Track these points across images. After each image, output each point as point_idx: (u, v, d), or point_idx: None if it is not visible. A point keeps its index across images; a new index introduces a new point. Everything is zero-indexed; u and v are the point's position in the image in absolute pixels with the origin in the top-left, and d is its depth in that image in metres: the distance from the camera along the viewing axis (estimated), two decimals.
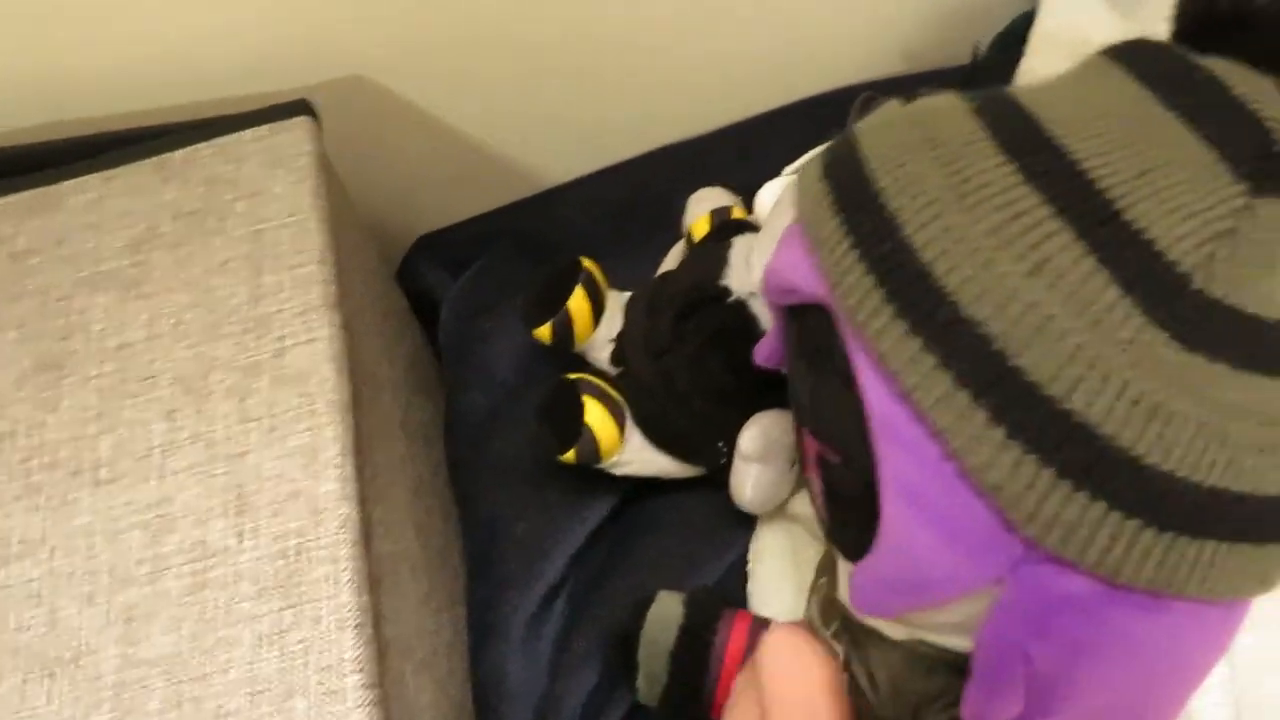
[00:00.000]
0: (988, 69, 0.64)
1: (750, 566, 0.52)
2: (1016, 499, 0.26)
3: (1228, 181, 0.25)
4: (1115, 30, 0.58)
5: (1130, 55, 0.29)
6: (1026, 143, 0.27)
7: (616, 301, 0.57)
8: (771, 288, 0.34)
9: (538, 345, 0.57)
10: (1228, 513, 0.26)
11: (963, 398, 0.26)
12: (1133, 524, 0.25)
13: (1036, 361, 0.25)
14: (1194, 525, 0.25)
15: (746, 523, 0.53)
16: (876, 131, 0.31)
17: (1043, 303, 0.25)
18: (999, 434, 0.25)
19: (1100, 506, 0.25)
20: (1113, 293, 0.25)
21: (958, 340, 0.26)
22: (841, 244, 0.29)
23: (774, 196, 0.55)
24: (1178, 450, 0.25)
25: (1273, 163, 0.25)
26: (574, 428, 0.50)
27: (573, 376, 0.52)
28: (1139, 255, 0.25)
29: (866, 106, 0.48)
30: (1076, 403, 0.25)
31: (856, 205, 0.29)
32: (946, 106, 0.30)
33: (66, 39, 0.56)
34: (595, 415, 0.50)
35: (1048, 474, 0.25)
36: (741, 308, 0.50)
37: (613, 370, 0.56)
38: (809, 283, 0.30)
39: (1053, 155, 0.27)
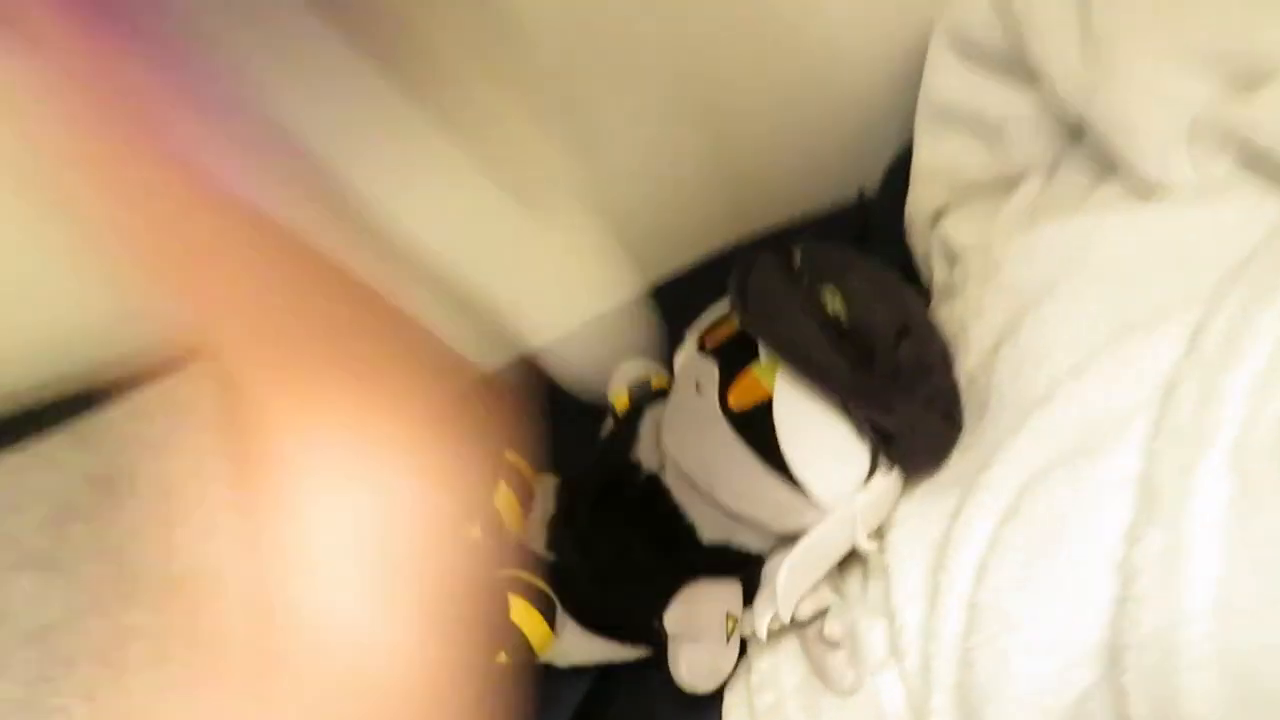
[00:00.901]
0: (877, 206, 0.66)
1: None
2: None
3: None
4: (983, 157, 0.59)
5: None
6: None
7: (547, 486, 0.57)
8: None
9: None
10: None
11: None
12: None
13: None
14: None
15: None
16: None
17: None
18: None
19: None
20: None
21: None
22: None
23: (681, 361, 0.56)
24: None
25: None
26: (502, 628, 0.48)
27: (500, 574, 0.51)
28: None
29: (745, 265, 0.50)
30: None
31: None
32: None
33: None
34: (520, 612, 0.48)
35: None
36: (654, 482, 0.49)
37: (549, 556, 0.55)
38: None
39: None
